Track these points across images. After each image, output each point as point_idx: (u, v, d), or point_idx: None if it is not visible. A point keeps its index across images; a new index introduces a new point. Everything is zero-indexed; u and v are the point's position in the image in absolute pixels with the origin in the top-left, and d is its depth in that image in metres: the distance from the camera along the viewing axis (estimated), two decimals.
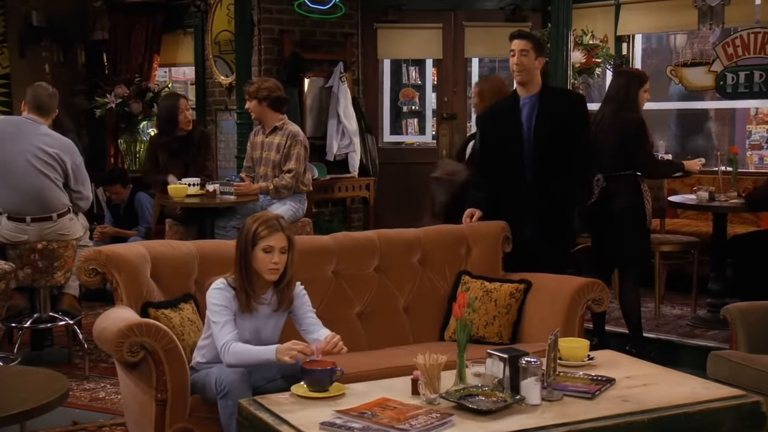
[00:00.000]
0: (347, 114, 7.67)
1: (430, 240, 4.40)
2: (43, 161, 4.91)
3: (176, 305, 3.63)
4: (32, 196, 4.90)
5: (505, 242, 4.52)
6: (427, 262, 4.36)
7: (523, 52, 4.46)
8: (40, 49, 8.58)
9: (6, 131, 4.92)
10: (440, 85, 8.43)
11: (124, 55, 8.55)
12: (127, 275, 3.61)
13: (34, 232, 4.91)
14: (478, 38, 8.26)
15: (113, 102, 7.85)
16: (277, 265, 3.26)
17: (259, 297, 3.32)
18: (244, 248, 3.27)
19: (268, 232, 3.25)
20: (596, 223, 5.24)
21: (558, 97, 4.63)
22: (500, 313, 4.19)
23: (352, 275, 4.19)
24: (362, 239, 4.32)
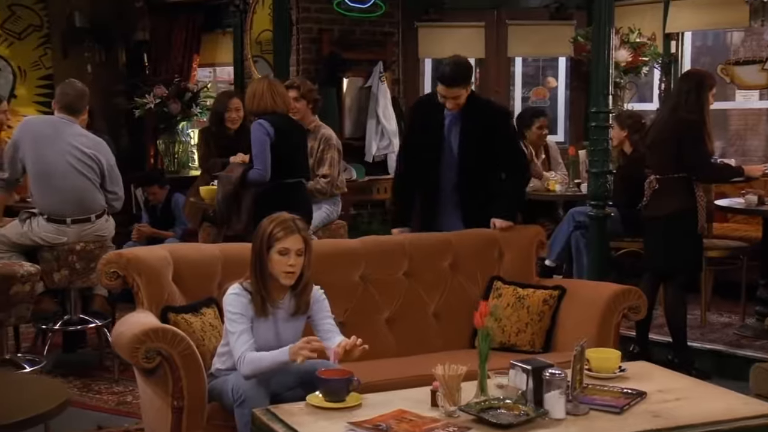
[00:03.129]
0: (386, 114, 7.61)
1: (461, 244, 4.32)
2: (82, 162, 4.92)
3: (198, 309, 3.59)
4: (72, 197, 4.91)
5: (539, 247, 4.42)
6: (458, 267, 4.28)
7: (456, 98, 4.36)
8: (82, 49, 8.64)
9: (43, 132, 4.93)
10: (482, 86, 8.28)
11: (164, 55, 8.60)
12: (147, 278, 3.58)
13: (74, 234, 4.92)
14: (521, 37, 8.15)
15: (152, 102, 7.86)
16: (293, 268, 3.20)
17: (275, 300, 3.27)
18: (260, 250, 3.23)
19: (284, 234, 3.20)
20: (644, 227, 5.11)
21: (482, 110, 4.51)
22: (533, 320, 4.09)
23: (380, 280, 4.12)
24: (391, 243, 4.25)
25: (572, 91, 8.30)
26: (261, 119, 4.87)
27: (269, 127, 4.82)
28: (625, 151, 6.07)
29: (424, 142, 4.44)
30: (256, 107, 4.92)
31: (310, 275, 3.30)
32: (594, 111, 5.16)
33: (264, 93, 4.93)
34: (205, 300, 3.66)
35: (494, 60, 8.16)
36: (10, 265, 4.08)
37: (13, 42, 8.27)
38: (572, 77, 8.30)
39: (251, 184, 4.79)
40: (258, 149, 4.76)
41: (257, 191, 4.83)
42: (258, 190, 4.80)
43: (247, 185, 4.78)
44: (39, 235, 4.90)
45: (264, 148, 4.74)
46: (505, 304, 4.12)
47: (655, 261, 5.11)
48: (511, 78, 8.40)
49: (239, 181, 4.79)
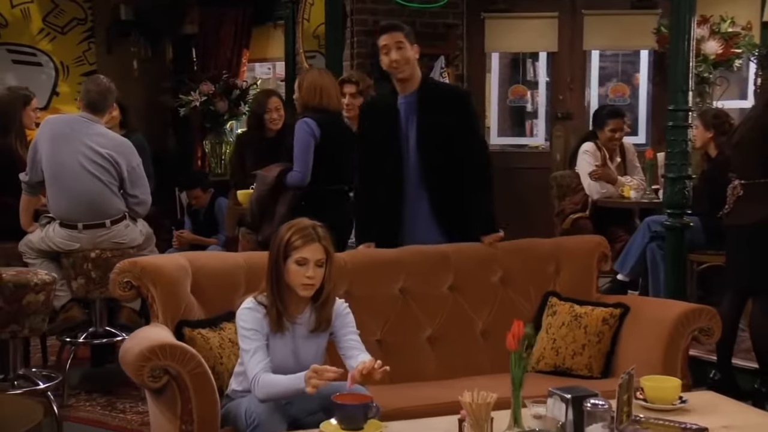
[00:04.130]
0: None
1: (513, 256, 4.20)
2: (95, 163, 4.91)
3: (217, 324, 3.52)
4: (83, 201, 4.91)
5: (601, 260, 4.27)
6: (509, 281, 4.17)
7: (399, 44, 4.13)
8: (128, 44, 8.80)
9: (59, 131, 4.95)
10: (555, 82, 8.18)
11: (213, 50, 8.65)
12: (163, 289, 3.53)
13: (87, 240, 4.92)
14: (599, 28, 7.97)
15: (198, 100, 7.89)
16: (311, 280, 3.13)
17: (292, 315, 3.19)
18: (276, 259, 3.16)
19: (302, 242, 3.13)
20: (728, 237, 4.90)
21: (440, 94, 4.29)
22: (590, 341, 3.94)
23: (422, 294, 4.02)
24: (434, 253, 4.14)
25: (655, 88, 8.07)
26: (307, 117, 4.81)
27: (315, 127, 4.76)
28: (709, 154, 5.87)
29: (380, 141, 4.24)
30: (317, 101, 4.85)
31: (332, 288, 3.23)
32: (672, 109, 4.98)
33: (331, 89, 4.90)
34: (225, 314, 3.58)
35: (568, 54, 8.01)
36: (24, 273, 4.09)
37: (55, 36, 8.42)
38: (655, 73, 8.07)
39: (289, 188, 4.72)
40: (300, 149, 4.70)
41: (294, 196, 4.76)
42: (295, 195, 4.74)
43: (284, 188, 4.71)
44: (53, 241, 4.94)
45: (307, 149, 4.69)
46: (560, 323, 4.00)
47: (738, 276, 4.87)
48: (586, 73, 8.21)
49: (275, 182, 4.72)
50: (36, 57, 8.35)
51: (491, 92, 8.53)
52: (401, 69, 4.15)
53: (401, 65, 4.14)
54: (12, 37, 8.20)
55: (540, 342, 3.99)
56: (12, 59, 8.21)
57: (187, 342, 3.34)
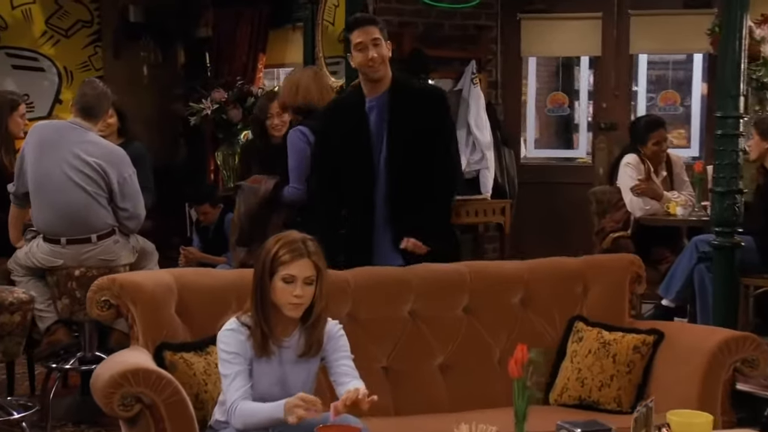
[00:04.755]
0: (479, 123, 7.44)
1: (536, 275, 4.11)
2: (82, 173, 4.87)
3: (203, 348, 3.44)
4: (67, 213, 4.86)
5: (635, 281, 4.17)
6: (531, 303, 4.08)
7: (375, 41, 4.02)
8: (137, 48, 8.81)
9: (46, 138, 4.92)
10: (598, 89, 8.09)
11: (228, 54, 8.63)
12: (144, 309, 3.47)
13: (71, 256, 4.88)
14: (647, 30, 7.88)
15: (209, 108, 7.87)
16: (299, 299, 3.05)
17: (279, 338, 3.12)
18: (261, 276, 3.09)
19: (290, 258, 3.05)
20: None
21: (413, 95, 4.16)
22: (620, 372, 3.83)
23: (434, 317, 3.94)
24: (448, 272, 4.06)
25: (710, 96, 7.92)
26: (301, 126, 4.74)
27: (310, 134, 4.68)
28: (766, 166, 5.75)
29: (346, 148, 4.12)
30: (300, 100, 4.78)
31: (323, 308, 3.15)
32: (720, 116, 4.86)
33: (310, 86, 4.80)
34: (213, 337, 3.37)
35: (613, 58, 7.92)
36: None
37: (59, 40, 8.45)
38: (710, 78, 7.93)
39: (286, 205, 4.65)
40: (295, 162, 4.63)
41: (289, 211, 4.69)
42: (290, 210, 4.66)
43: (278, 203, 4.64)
44: (36, 257, 4.90)
45: (303, 162, 4.59)
46: (587, 351, 3.89)
47: None
48: (633, 79, 8.13)
49: (269, 197, 4.65)
50: (38, 62, 8.36)
51: (528, 100, 8.47)
52: (377, 68, 4.05)
53: (377, 64, 4.04)
54: (12, 40, 8.23)
55: (564, 372, 3.90)
56: (12, 64, 8.23)
57: (168, 367, 3.28)
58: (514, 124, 8.07)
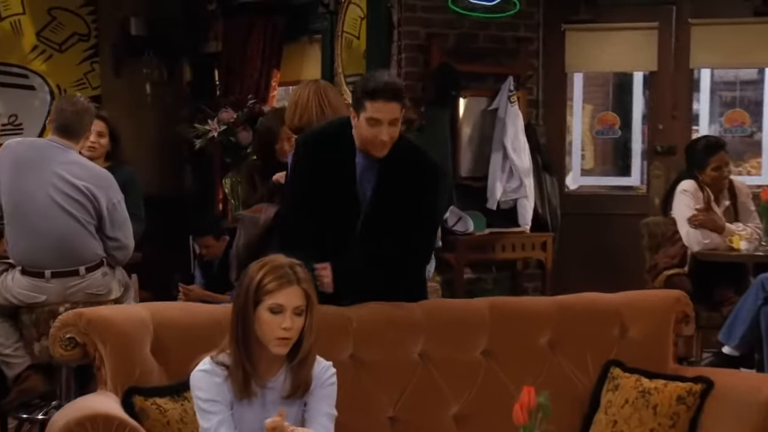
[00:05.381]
0: (517, 146, 7.39)
1: (566, 313, 4.09)
2: (69, 197, 4.87)
3: (180, 392, 3.39)
4: (53, 242, 4.85)
5: (681, 321, 4.13)
6: (560, 346, 4.05)
7: (394, 121, 3.86)
8: (139, 64, 8.91)
9: (24, 156, 4.93)
10: (654, 108, 8.00)
11: (238, 71, 8.68)
12: (114, 348, 3.43)
13: (56, 291, 4.86)
14: (710, 41, 7.79)
15: (216, 130, 7.88)
16: (288, 333, 3.03)
17: (263, 377, 3.09)
18: (244, 306, 3.06)
19: (277, 285, 3.02)
20: None
21: (408, 168, 3.99)
22: (662, 425, 3.78)
23: (447, 359, 3.90)
24: (464, 309, 4.05)
25: None
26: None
27: None
28: None
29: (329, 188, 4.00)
30: (297, 122, 4.76)
31: (312, 343, 3.11)
32: None
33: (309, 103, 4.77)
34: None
35: (671, 73, 7.82)
36: None
37: (51, 55, 8.56)
38: None
39: None
40: None
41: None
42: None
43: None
44: (12, 293, 4.88)
45: None
46: (623, 401, 3.84)
47: None
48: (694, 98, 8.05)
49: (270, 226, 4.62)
50: (28, 79, 8.45)
51: (573, 122, 8.40)
52: (382, 150, 3.89)
53: (387, 146, 3.89)
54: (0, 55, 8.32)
55: (597, 425, 3.85)
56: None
57: (137, 414, 3.24)
58: (557, 148, 7.99)
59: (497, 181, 7.38)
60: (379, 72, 4.11)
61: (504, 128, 7.38)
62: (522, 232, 7.43)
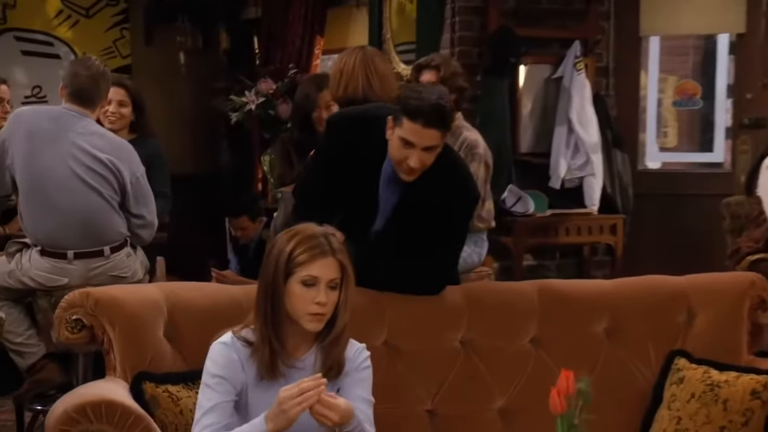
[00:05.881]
0: (583, 119, 7.35)
1: (626, 298, 4.07)
2: (92, 170, 4.88)
3: (195, 380, 3.34)
4: (76, 220, 4.86)
5: (758, 308, 4.08)
6: (618, 334, 4.03)
7: (430, 150, 3.74)
8: (172, 31, 8.98)
9: (39, 127, 4.92)
10: (741, 76, 7.88)
11: (279, 38, 8.72)
12: (124, 331, 3.44)
13: (78, 274, 4.88)
14: None
15: (254, 102, 7.89)
16: (322, 308, 3.03)
17: (291, 357, 3.09)
18: (273, 280, 3.05)
19: (310, 256, 3.02)
20: None
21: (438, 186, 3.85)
22: (733, 423, 3.73)
23: (492, 348, 3.91)
24: (511, 293, 4.04)
25: None
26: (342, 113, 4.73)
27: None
28: None
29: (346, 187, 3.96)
30: (342, 92, 4.76)
31: (346, 321, 3.11)
32: None
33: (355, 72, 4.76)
34: None
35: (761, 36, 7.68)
36: None
37: (78, 20, 8.67)
38: None
39: None
40: None
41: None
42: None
43: None
44: (29, 275, 4.89)
45: None
46: (689, 395, 3.81)
47: None
48: None
49: None
50: (52, 47, 8.56)
51: (648, 91, 8.30)
52: (410, 175, 3.79)
53: (415, 174, 3.79)
54: (22, 21, 8.44)
55: (659, 422, 3.83)
56: (21, 49, 8.43)
57: (147, 402, 3.24)
58: (630, 121, 7.92)
59: (561, 157, 7.35)
60: (429, 88, 3.95)
61: (569, 99, 7.34)
62: (588, 213, 7.38)
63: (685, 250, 7.38)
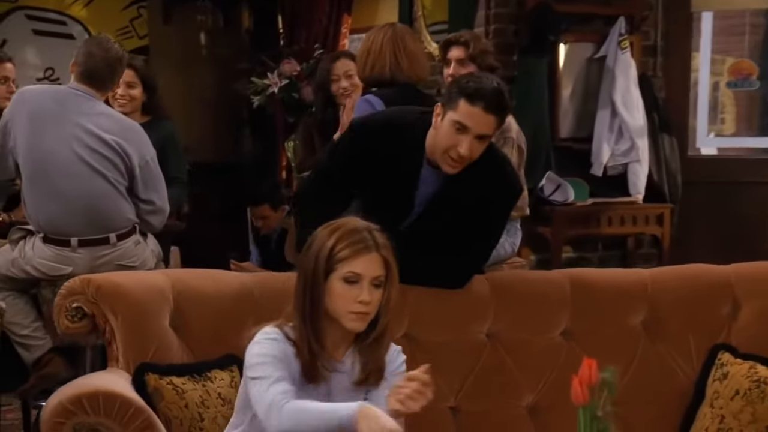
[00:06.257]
0: (628, 101, 7.32)
1: (665, 288, 4.07)
2: (97, 153, 4.88)
3: (202, 372, 3.43)
4: (80, 205, 4.87)
5: None
6: (657, 326, 4.04)
7: (483, 138, 3.72)
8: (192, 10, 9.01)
9: (42, 108, 4.94)
10: None
11: (304, 16, 8.72)
12: (127, 320, 3.46)
13: (83, 262, 4.89)
14: None
15: (277, 85, 7.89)
16: (366, 307, 3.01)
17: (332, 359, 3.08)
18: (312, 276, 3.04)
19: (353, 252, 3.01)
20: None
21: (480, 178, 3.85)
22: None
23: (520, 341, 3.92)
24: (542, 283, 4.05)
25: None
26: (372, 95, 4.77)
27: (381, 105, 4.69)
28: None
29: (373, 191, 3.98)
30: (369, 71, 4.77)
31: (389, 321, 3.12)
32: None
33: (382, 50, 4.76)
34: (219, 359, 3.51)
35: None
36: None
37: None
38: None
39: None
40: None
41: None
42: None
43: None
44: (32, 263, 4.92)
45: None
46: (733, 392, 3.82)
47: None
48: None
49: None
50: (66, 26, 8.55)
51: (701, 70, 8.20)
52: (456, 166, 3.79)
53: (462, 164, 3.78)
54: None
55: (701, 420, 3.84)
56: (33, 29, 8.43)
57: (150, 395, 3.25)
58: (679, 104, 7.86)
59: (604, 142, 7.33)
60: (489, 75, 3.99)
61: (613, 80, 7.31)
62: (633, 202, 7.35)
63: (738, 242, 7.32)
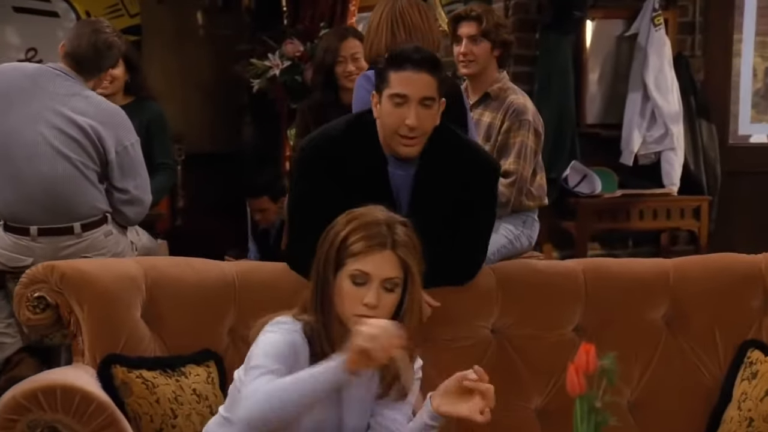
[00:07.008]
0: (662, 84, 7.33)
1: (688, 279, 4.08)
2: (65, 135, 4.86)
3: (176, 366, 3.45)
4: (40, 191, 4.85)
5: None
6: (680, 321, 4.04)
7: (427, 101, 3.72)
8: None
9: (13, 85, 4.93)
10: None
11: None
12: (94, 311, 3.47)
13: (44, 253, 4.83)
14: None
15: (277, 67, 7.87)
16: (371, 311, 2.93)
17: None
18: (324, 269, 3.01)
19: (364, 247, 2.96)
20: None
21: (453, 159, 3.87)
22: None
23: (529, 337, 3.92)
24: (552, 273, 4.05)
25: None
26: (370, 71, 4.72)
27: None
28: None
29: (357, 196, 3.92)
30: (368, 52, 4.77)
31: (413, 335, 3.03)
32: None
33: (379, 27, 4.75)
34: (196, 353, 3.53)
35: None
36: None
37: None
38: None
39: None
40: None
41: None
42: None
43: None
44: None
45: None
46: (763, 393, 3.81)
47: None
48: None
49: None
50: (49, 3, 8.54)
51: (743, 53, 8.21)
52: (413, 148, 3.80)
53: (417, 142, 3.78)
54: None
55: (728, 423, 3.85)
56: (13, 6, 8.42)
57: (118, 388, 3.28)
58: (719, 88, 7.87)
59: (635, 128, 7.34)
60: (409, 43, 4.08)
61: (645, 60, 7.32)
62: (667, 194, 7.36)
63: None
